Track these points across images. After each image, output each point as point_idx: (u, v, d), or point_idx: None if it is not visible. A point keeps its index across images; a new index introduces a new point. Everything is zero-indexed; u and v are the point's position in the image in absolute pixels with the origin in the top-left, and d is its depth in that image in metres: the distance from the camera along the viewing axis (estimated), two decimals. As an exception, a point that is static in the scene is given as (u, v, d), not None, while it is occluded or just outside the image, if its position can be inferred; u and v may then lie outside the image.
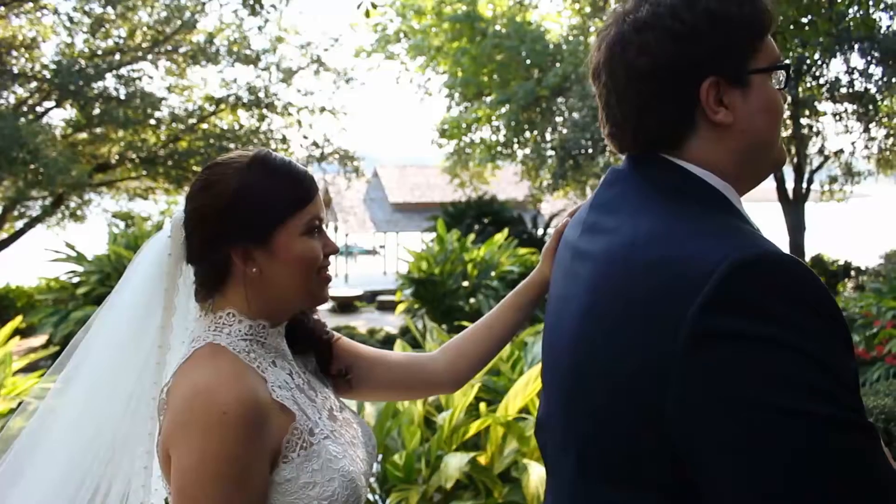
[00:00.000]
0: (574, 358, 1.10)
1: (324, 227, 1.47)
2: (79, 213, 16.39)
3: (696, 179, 1.10)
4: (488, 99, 19.35)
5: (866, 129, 14.10)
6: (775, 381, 0.88)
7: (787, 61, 1.16)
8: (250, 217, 1.37)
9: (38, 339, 11.59)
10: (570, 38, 17.89)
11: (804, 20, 7.04)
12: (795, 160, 15.00)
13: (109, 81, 14.91)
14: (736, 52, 1.09)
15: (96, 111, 14.64)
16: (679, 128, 1.11)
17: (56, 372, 1.52)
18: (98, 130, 15.60)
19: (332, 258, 1.49)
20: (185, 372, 1.33)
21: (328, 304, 21.55)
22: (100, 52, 15.15)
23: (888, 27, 12.30)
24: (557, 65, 17.40)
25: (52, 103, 15.12)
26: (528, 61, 17.97)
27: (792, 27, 7.07)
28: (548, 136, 18.18)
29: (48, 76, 14.21)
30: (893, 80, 12.64)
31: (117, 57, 15.17)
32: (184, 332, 1.51)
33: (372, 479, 4.48)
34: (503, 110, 18.54)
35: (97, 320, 1.53)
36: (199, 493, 1.25)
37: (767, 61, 1.11)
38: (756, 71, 1.10)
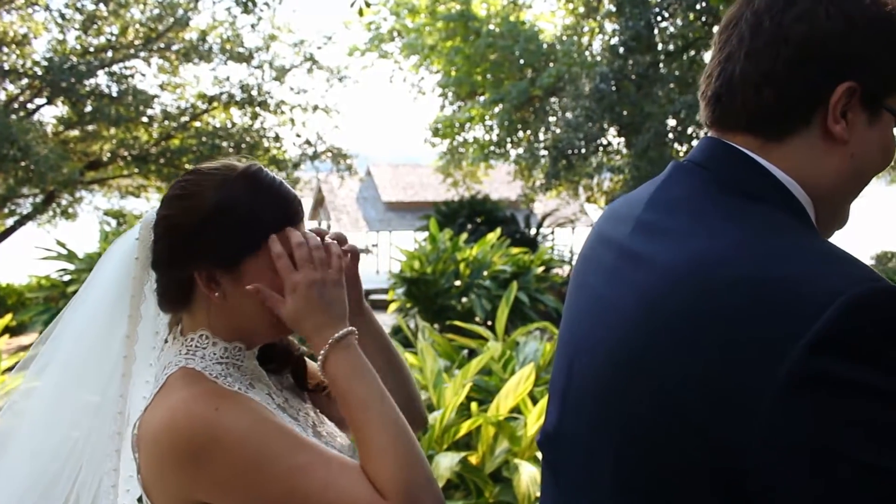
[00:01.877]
0: (615, 371, 0.97)
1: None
2: (70, 210, 16.34)
3: (783, 188, 0.98)
4: (482, 98, 19.36)
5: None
6: (879, 437, 0.78)
7: None
8: (222, 239, 1.24)
9: (29, 338, 11.54)
10: (564, 38, 17.89)
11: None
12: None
13: (101, 79, 14.85)
14: (887, 75, 0.96)
15: (88, 108, 14.59)
16: (793, 115, 0.97)
17: (22, 370, 1.43)
18: (90, 128, 15.54)
19: None
20: (157, 403, 1.21)
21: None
22: (92, 49, 15.09)
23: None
24: (551, 65, 17.41)
25: (44, 100, 15.06)
26: (522, 61, 17.98)
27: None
28: (541, 136, 18.19)
29: (39, 73, 14.14)
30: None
31: (109, 54, 15.11)
32: (150, 341, 1.40)
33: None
34: (496, 110, 18.55)
35: (61, 323, 1.40)
36: (263, 484, 1.14)
37: None
38: (889, 109, 0.97)
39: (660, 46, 14.17)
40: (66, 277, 11.56)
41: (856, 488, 0.79)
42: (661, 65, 14.07)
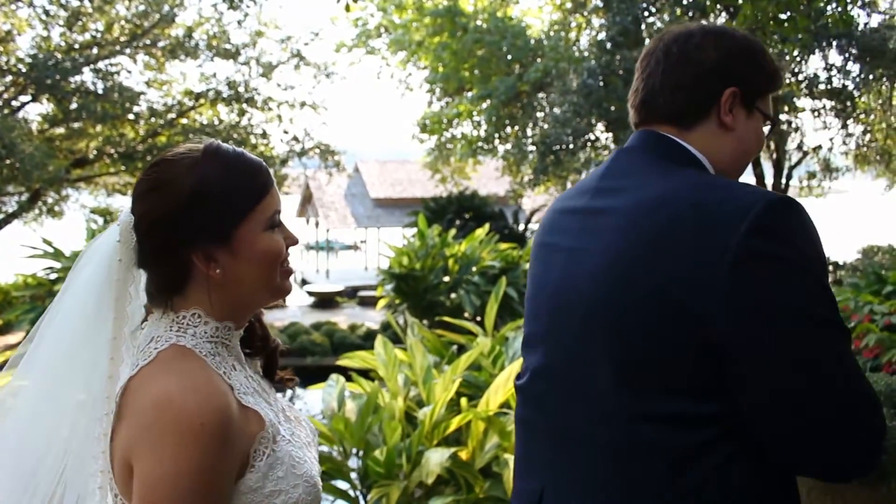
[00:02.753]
0: (608, 289, 1.29)
1: (281, 219, 1.40)
2: (56, 208, 16.24)
3: (698, 158, 1.41)
4: (469, 94, 19.32)
5: (844, 126, 14.20)
6: (805, 295, 1.20)
7: (776, 118, 1.54)
8: (210, 217, 1.30)
9: (16, 336, 11.48)
10: (552, 33, 17.88)
11: (783, 16, 7.08)
12: (775, 156, 15.11)
13: (87, 76, 14.77)
14: (757, 86, 1.45)
15: (73, 106, 14.51)
16: (698, 110, 1.42)
17: (11, 368, 1.42)
18: (75, 125, 15.45)
19: (294, 250, 1.43)
20: (150, 376, 1.25)
21: (309, 300, 21.47)
22: (77, 46, 15.00)
23: (865, 24, 12.40)
24: (538, 60, 17.40)
25: (28, 97, 14.96)
26: (510, 56, 17.96)
27: (772, 23, 7.11)
28: (529, 132, 18.18)
29: (24, 70, 14.05)
30: (871, 77, 12.74)
31: (95, 51, 15.02)
32: (131, 342, 1.41)
33: (353, 476, 4.47)
34: (484, 105, 18.52)
35: (43, 327, 1.40)
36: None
37: (767, 109, 1.48)
38: (759, 109, 1.46)
39: (647, 42, 14.18)
40: (53, 276, 11.50)
41: (795, 330, 1.19)
42: (648, 60, 14.07)
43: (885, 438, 1.27)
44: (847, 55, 12.63)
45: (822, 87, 13.04)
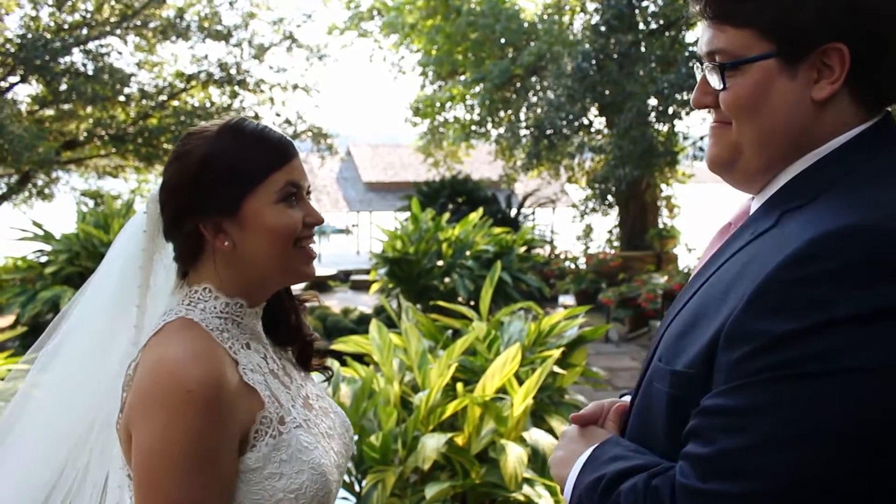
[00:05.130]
0: None
1: (305, 195, 1.38)
2: (46, 191, 16.11)
3: None
4: (462, 77, 19.24)
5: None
6: None
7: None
8: (216, 186, 1.31)
9: (6, 320, 11.39)
10: (545, 17, 17.81)
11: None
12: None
13: (77, 56, 14.62)
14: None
15: (63, 87, 14.36)
16: None
17: (34, 353, 1.46)
18: (65, 107, 15.30)
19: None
20: (152, 346, 1.27)
21: (301, 284, 21.39)
22: (66, 27, 14.83)
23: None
24: (532, 43, 17.32)
25: (17, 78, 14.79)
26: (503, 40, 17.86)
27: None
28: (522, 116, 18.12)
29: (12, 50, 13.88)
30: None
31: (84, 31, 14.86)
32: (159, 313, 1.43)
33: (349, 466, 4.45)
34: (477, 89, 18.44)
35: (77, 304, 1.46)
36: (162, 473, 1.20)
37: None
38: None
39: (641, 25, 14.13)
40: (43, 258, 11.40)
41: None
42: (642, 44, 14.03)
43: None
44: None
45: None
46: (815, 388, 0.94)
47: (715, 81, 1.16)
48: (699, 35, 1.20)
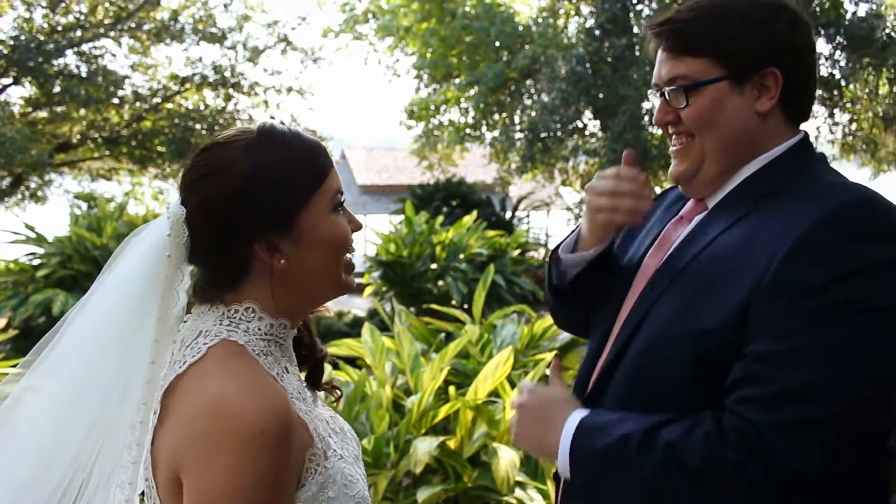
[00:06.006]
0: None
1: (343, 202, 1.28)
2: (39, 193, 16.07)
3: None
4: (457, 81, 19.24)
5: (831, 115, 14.25)
6: None
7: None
8: (271, 203, 1.19)
9: (-2, 322, 11.36)
10: (540, 20, 17.81)
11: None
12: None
13: (70, 58, 14.60)
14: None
15: (57, 89, 14.34)
16: None
17: (25, 367, 1.30)
18: (59, 109, 15.27)
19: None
20: (201, 374, 1.15)
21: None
22: (60, 28, 14.80)
23: (853, 13, 12.43)
24: (527, 47, 17.33)
25: (10, 80, 14.75)
26: (498, 43, 17.87)
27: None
28: (517, 119, 18.13)
29: (5, 52, 13.85)
30: (857, 66, 12.77)
31: (78, 33, 14.84)
32: (171, 345, 1.29)
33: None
34: (472, 92, 18.43)
35: (78, 322, 1.28)
36: None
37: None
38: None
39: (636, 29, 14.15)
40: (36, 262, 11.37)
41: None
42: (636, 47, 14.05)
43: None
44: (835, 44, 12.68)
45: (810, 75, 13.06)
46: (859, 323, 1.21)
47: (679, 101, 1.43)
48: (656, 65, 1.48)
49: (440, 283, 11.83)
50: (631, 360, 1.41)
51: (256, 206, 1.19)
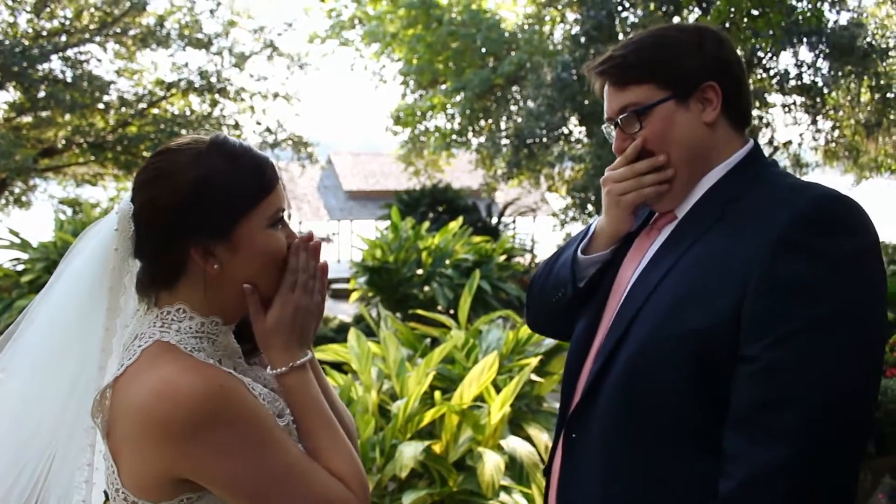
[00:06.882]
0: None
1: (286, 218, 1.37)
2: (24, 199, 15.95)
3: None
4: (443, 87, 19.27)
5: (814, 122, 14.34)
6: None
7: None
8: (212, 210, 1.27)
9: (-19, 328, 11.28)
10: (526, 27, 17.87)
11: (756, 12, 7.12)
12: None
13: (55, 63, 14.48)
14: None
15: (41, 94, 14.22)
16: None
17: None
18: (43, 114, 15.14)
19: None
20: (135, 376, 1.22)
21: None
22: (45, 33, 14.72)
23: (835, 22, 12.54)
24: (513, 53, 17.39)
25: (-6, 85, 14.66)
26: (484, 49, 17.92)
27: (745, 19, 7.16)
28: (503, 125, 18.17)
29: (-10, 57, 13.75)
30: (839, 73, 12.88)
31: (63, 38, 14.75)
32: (121, 333, 1.38)
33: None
34: (458, 98, 18.46)
35: (29, 317, 1.38)
36: (260, 465, 1.19)
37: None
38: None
39: (621, 36, 14.23)
40: (20, 267, 11.31)
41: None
42: (621, 55, 14.10)
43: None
44: (817, 52, 12.78)
45: (792, 83, 13.17)
46: (847, 317, 1.32)
47: (633, 126, 1.56)
48: (605, 103, 1.63)
49: (426, 288, 11.84)
50: (619, 371, 1.48)
51: (197, 212, 1.27)
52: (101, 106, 15.14)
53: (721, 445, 1.36)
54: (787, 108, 14.14)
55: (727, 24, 7.00)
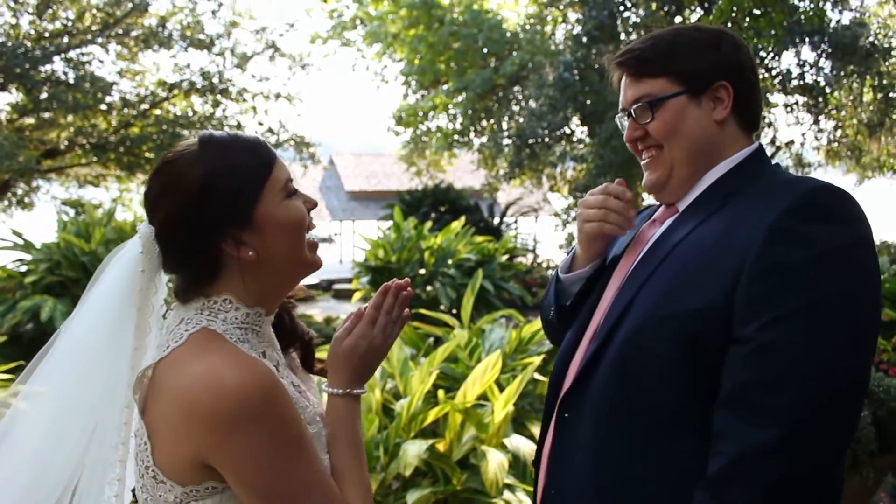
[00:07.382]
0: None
1: (294, 185, 1.40)
2: (26, 200, 15.99)
3: None
4: (445, 87, 19.28)
5: (816, 121, 14.34)
6: None
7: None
8: (227, 202, 1.30)
9: (-15, 329, 11.29)
10: (527, 26, 17.89)
11: (758, 12, 7.13)
12: (748, 150, 15.20)
13: (58, 65, 14.50)
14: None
15: (44, 95, 14.24)
16: None
17: (22, 382, 1.41)
18: (46, 115, 15.17)
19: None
20: (182, 359, 1.25)
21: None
22: (47, 35, 14.74)
23: (837, 22, 12.53)
24: (514, 53, 17.41)
25: (-3, 86, 14.69)
26: (485, 49, 17.94)
27: (747, 18, 7.16)
28: (504, 125, 18.19)
29: (-8, 58, 13.77)
30: (842, 73, 12.88)
31: (66, 40, 14.77)
32: (153, 353, 1.40)
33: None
34: (460, 98, 18.49)
35: (60, 339, 1.41)
36: (287, 471, 1.22)
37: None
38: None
39: (623, 36, 14.24)
40: (23, 268, 11.32)
41: None
42: (623, 54, 14.09)
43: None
44: (819, 52, 12.78)
45: (794, 82, 13.17)
46: (838, 301, 1.35)
47: (645, 116, 1.62)
48: (622, 93, 1.70)
49: (429, 288, 11.85)
50: (616, 349, 1.51)
51: (214, 209, 1.30)
52: (103, 107, 15.16)
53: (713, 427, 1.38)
54: (789, 108, 14.13)
55: (729, 24, 7.00)
